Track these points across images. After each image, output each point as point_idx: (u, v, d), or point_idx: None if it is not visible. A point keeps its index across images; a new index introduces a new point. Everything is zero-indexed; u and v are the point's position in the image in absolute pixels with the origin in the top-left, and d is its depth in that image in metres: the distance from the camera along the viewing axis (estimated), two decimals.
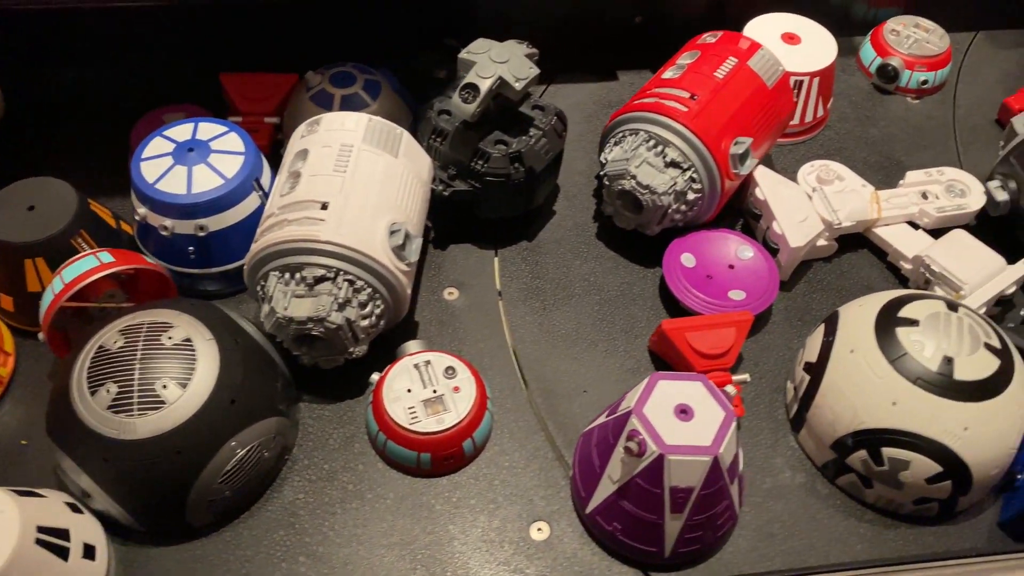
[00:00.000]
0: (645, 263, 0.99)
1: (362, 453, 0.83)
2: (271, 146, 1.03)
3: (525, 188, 0.94)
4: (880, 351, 0.78)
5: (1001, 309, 0.94)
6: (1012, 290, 0.92)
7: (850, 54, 1.23)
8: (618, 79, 1.21)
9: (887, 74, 1.18)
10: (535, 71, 0.90)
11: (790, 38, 1.09)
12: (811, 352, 0.85)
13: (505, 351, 0.91)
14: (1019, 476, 0.80)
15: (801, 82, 1.07)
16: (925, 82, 1.18)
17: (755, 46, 0.98)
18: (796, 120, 1.10)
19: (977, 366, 0.76)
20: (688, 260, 0.95)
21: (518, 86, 0.89)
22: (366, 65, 1.05)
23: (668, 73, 0.98)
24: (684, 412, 0.72)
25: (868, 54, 1.20)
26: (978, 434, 0.75)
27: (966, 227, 1.02)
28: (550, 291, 0.97)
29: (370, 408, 0.84)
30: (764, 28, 1.10)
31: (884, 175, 1.09)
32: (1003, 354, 0.78)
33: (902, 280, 0.98)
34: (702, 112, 0.92)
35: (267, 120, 1.04)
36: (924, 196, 1.00)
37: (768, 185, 0.98)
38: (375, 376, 0.84)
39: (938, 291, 0.93)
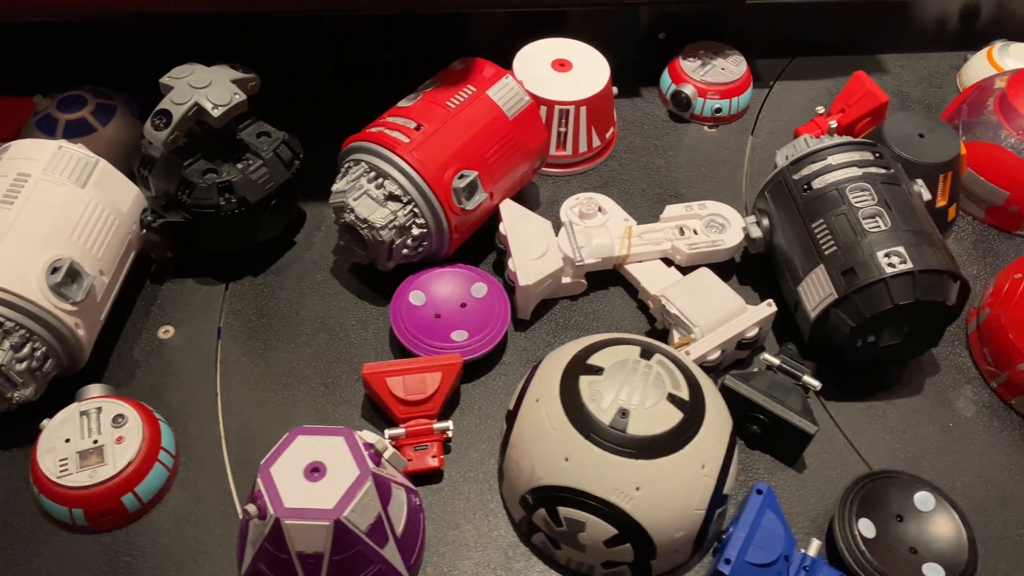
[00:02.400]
0: (382, 300, 0.94)
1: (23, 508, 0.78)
2: None
3: (244, 220, 0.89)
4: (560, 402, 0.73)
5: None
6: (753, 332, 0.87)
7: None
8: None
9: (680, 102, 1.13)
10: (239, 98, 0.85)
11: (561, 65, 1.04)
12: (512, 399, 0.80)
13: (211, 394, 0.86)
14: (724, 534, 0.74)
15: (568, 111, 1.02)
16: (719, 110, 1.13)
17: (499, 75, 0.94)
18: (569, 151, 1.05)
19: (654, 420, 0.71)
20: (417, 298, 0.89)
21: (216, 113, 0.83)
22: (104, 88, 1.00)
23: (404, 101, 0.93)
24: (316, 471, 0.66)
25: (665, 81, 1.16)
26: (651, 494, 0.70)
27: (733, 263, 0.98)
28: (277, 329, 0.91)
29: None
30: (536, 54, 1.06)
31: (661, 207, 1.04)
32: (690, 406, 0.72)
33: (651, 320, 0.93)
34: (425, 143, 0.87)
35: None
36: (681, 231, 0.95)
37: (510, 220, 0.93)
38: (45, 423, 0.78)
39: (675, 333, 0.88)
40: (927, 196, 0.90)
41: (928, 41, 1.27)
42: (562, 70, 1.04)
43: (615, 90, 1.11)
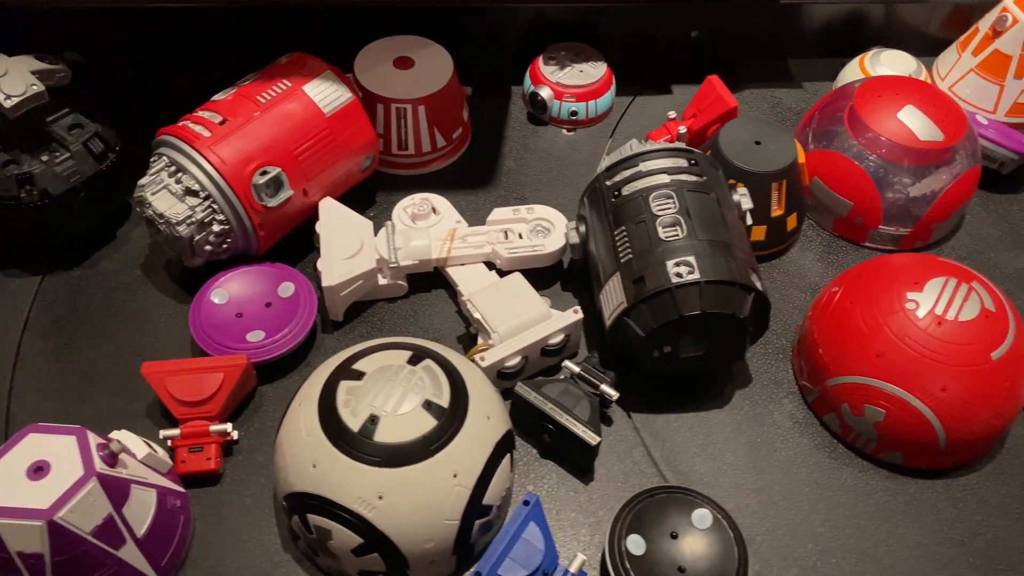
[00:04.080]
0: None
1: None
2: None
3: (49, 213, 0.88)
4: (316, 407, 0.72)
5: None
6: (558, 339, 0.85)
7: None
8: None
9: (537, 104, 1.11)
10: (36, 88, 0.84)
11: (403, 63, 1.03)
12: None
13: (2, 390, 0.84)
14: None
15: (405, 110, 1.00)
16: (575, 113, 1.11)
17: (320, 70, 0.92)
18: (411, 151, 1.03)
19: (404, 428, 0.69)
20: (220, 296, 0.88)
21: (8, 104, 0.82)
22: None
23: (219, 95, 0.91)
24: (39, 470, 0.65)
25: (526, 82, 1.14)
26: (395, 504, 0.68)
27: (562, 269, 0.96)
28: (85, 324, 0.90)
29: None
30: (380, 52, 1.04)
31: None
32: (447, 414, 0.70)
33: (468, 324, 0.91)
34: (226, 138, 0.85)
35: None
36: (506, 235, 0.94)
37: (327, 218, 0.91)
38: None
39: (480, 338, 0.86)
40: (747, 205, 0.88)
41: (812, 47, 1.24)
42: (404, 68, 1.02)
43: (468, 90, 1.10)
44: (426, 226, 0.94)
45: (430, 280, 0.94)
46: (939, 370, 0.77)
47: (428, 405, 0.71)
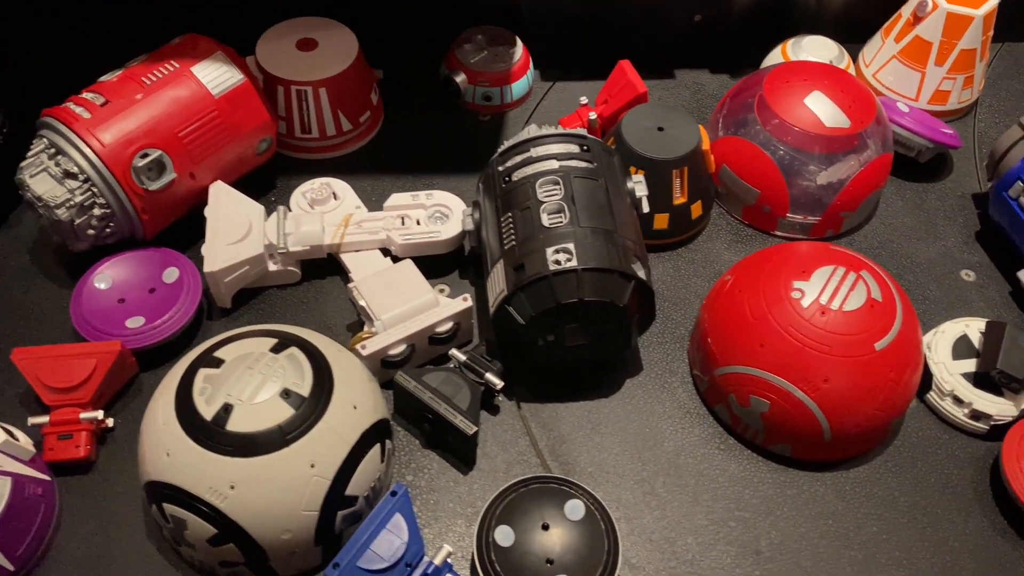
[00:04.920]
0: None
1: None
2: None
3: None
4: (174, 395, 0.70)
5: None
6: (446, 327, 0.84)
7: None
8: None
9: (451, 88, 1.09)
10: None
11: (306, 45, 1.01)
12: None
13: None
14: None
15: (305, 92, 0.98)
16: (489, 98, 1.09)
17: (211, 50, 0.90)
18: (315, 134, 1.01)
19: (259, 417, 0.68)
20: (103, 281, 0.86)
21: None
22: None
23: (106, 76, 0.89)
24: None
25: (443, 67, 1.12)
26: (247, 494, 0.66)
27: (464, 254, 0.94)
28: None
29: None
30: (284, 34, 1.02)
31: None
32: (307, 403, 0.69)
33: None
34: (107, 120, 0.84)
35: None
36: (403, 221, 0.92)
37: (215, 202, 0.89)
38: None
39: (365, 326, 0.84)
40: (641, 192, 0.86)
41: (740, 32, 1.22)
42: (306, 50, 1.00)
43: (379, 73, 1.08)
44: (324, 211, 0.93)
45: (325, 267, 0.92)
46: (821, 360, 0.76)
47: (286, 394, 0.69)
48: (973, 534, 0.78)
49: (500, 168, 0.86)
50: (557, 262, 0.76)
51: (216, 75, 0.89)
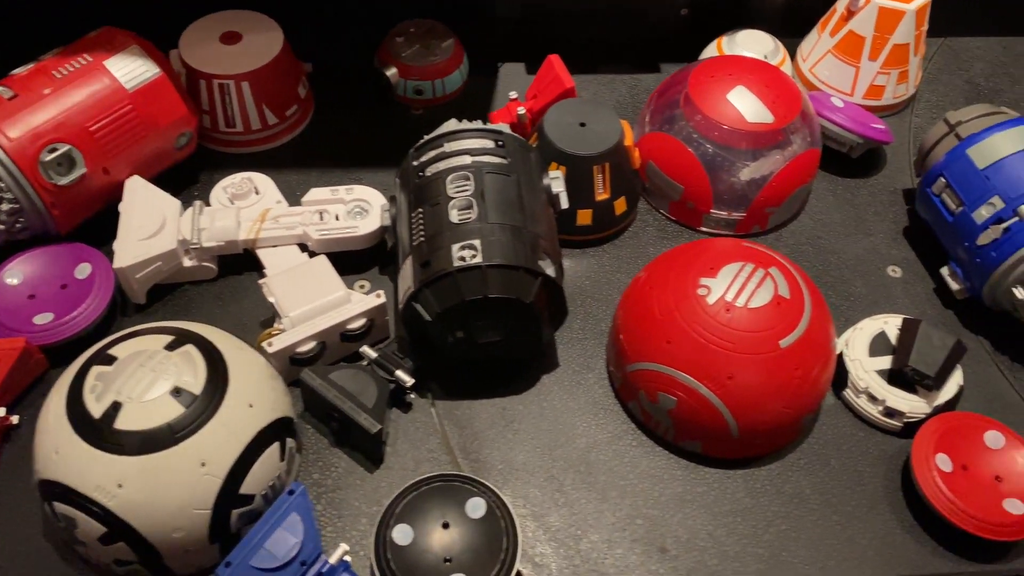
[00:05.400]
0: None
1: None
2: None
3: None
4: (66, 393, 0.69)
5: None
6: (358, 324, 0.83)
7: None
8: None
9: (383, 82, 1.08)
10: None
11: (230, 38, 1.00)
12: None
13: None
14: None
15: (227, 86, 0.97)
16: (420, 91, 1.08)
17: (125, 44, 0.89)
18: (239, 128, 1.01)
19: (148, 415, 0.67)
20: (13, 277, 0.85)
21: None
22: None
23: (18, 69, 0.88)
24: None
25: (376, 61, 1.11)
26: (136, 492, 0.66)
27: (386, 250, 0.94)
28: None
29: None
30: (208, 27, 1.01)
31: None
32: (199, 402, 0.68)
33: None
34: (14, 114, 0.83)
35: None
36: (321, 216, 0.91)
37: (130, 197, 0.89)
38: None
39: (276, 322, 0.84)
40: (558, 188, 0.86)
41: (683, 27, 1.22)
42: (230, 43, 0.99)
43: (308, 67, 1.07)
44: (244, 206, 0.92)
45: (243, 263, 0.92)
46: (725, 357, 0.75)
47: (177, 392, 0.68)
48: (881, 531, 0.78)
49: (415, 163, 0.85)
50: (462, 258, 0.76)
51: (130, 69, 0.88)
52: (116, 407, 0.67)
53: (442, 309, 0.77)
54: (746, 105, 0.93)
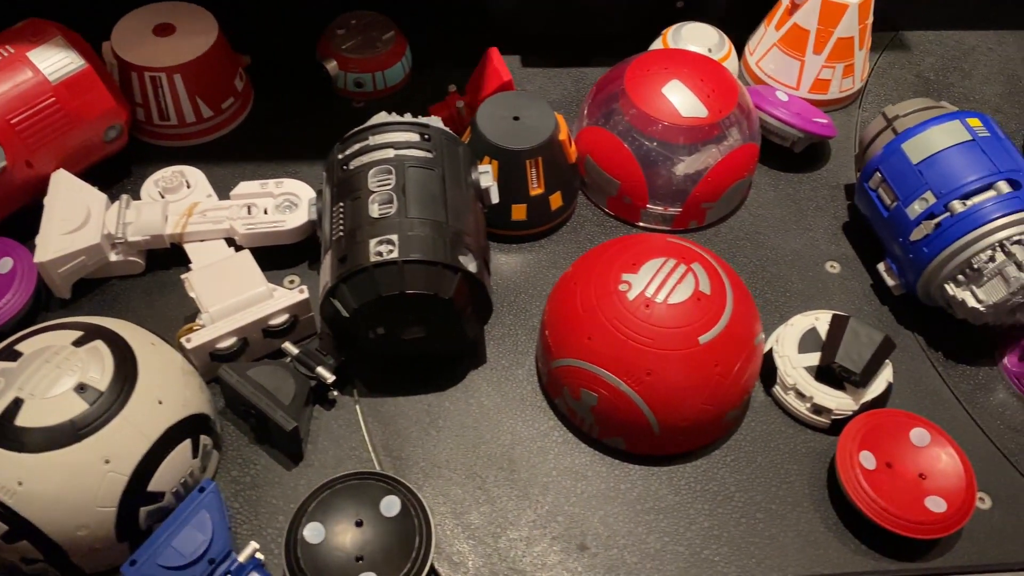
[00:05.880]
0: None
1: None
2: None
3: None
4: None
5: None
6: (280, 319, 0.82)
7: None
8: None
9: (323, 74, 1.07)
10: None
11: (164, 29, 0.99)
12: None
13: None
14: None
15: (159, 78, 0.96)
16: (360, 84, 1.08)
17: (50, 35, 0.88)
18: (173, 121, 0.99)
19: (49, 411, 0.66)
20: None
21: None
22: None
23: None
24: None
25: (317, 54, 1.10)
26: (37, 490, 0.65)
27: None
28: None
29: None
30: (142, 18, 0.99)
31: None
32: (104, 398, 0.67)
33: None
34: None
35: None
36: (249, 210, 0.90)
37: (55, 191, 0.87)
38: None
39: (197, 318, 0.83)
40: (486, 183, 0.85)
41: (625, 19, 1.20)
42: (163, 35, 0.98)
43: (246, 59, 1.06)
44: (173, 200, 0.91)
45: (171, 258, 0.91)
46: (644, 354, 0.75)
47: (81, 388, 0.67)
48: (804, 529, 0.78)
49: (340, 156, 0.84)
50: (379, 253, 0.75)
51: (54, 60, 0.87)
52: (17, 403, 0.66)
53: (359, 304, 0.76)
54: (681, 99, 0.93)
